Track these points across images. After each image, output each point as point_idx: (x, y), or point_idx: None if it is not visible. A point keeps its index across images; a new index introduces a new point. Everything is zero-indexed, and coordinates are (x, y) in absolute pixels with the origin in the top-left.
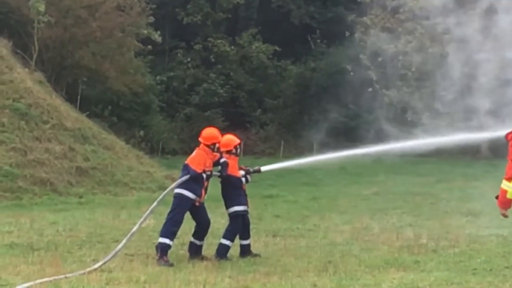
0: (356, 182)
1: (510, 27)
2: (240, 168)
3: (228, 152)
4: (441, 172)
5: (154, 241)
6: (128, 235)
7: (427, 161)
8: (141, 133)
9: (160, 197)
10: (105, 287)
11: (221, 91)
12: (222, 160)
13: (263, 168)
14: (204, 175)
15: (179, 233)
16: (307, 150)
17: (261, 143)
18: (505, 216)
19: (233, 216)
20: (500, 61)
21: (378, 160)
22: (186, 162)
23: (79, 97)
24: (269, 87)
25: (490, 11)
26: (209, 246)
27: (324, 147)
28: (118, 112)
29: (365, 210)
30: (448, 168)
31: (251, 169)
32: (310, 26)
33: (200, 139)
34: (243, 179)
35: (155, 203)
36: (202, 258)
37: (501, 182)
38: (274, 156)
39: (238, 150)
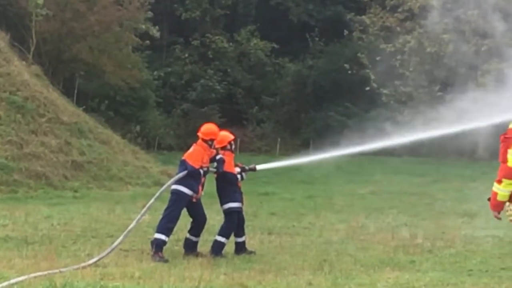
0: (352, 181)
1: None
2: (236, 165)
3: (223, 148)
4: (438, 172)
5: (149, 237)
6: (125, 232)
7: (424, 161)
8: (138, 128)
9: (158, 193)
10: (99, 282)
11: (218, 87)
12: (218, 157)
13: (259, 167)
14: (201, 171)
15: (174, 229)
16: (303, 148)
17: (258, 140)
18: (498, 218)
19: (228, 213)
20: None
21: (375, 159)
22: (183, 157)
23: (76, 91)
24: (266, 84)
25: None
26: (204, 243)
27: (321, 145)
28: (115, 107)
29: (361, 209)
30: (445, 168)
31: (246, 167)
32: (309, 24)
33: (198, 133)
34: (239, 176)
35: (152, 200)
36: (197, 254)
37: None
38: (270, 154)
39: (233, 146)
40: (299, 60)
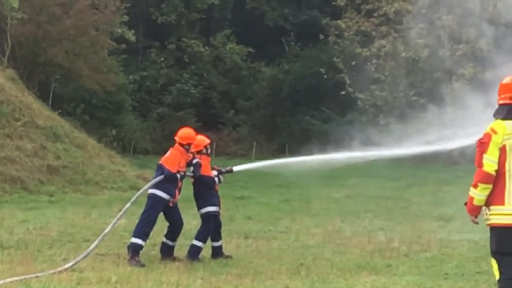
0: (328, 184)
1: None
2: (213, 169)
3: (199, 152)
4: (413, 176)
5: (126, 241)
6: (101, 236)
7: (399, 165)
8: (113, 132)
9: (134, 197)
10: (76, 287)
11: (194, 91)
12: (194, 161)
13: (235, 168)
14: (178, 176)
15: (151, 233)
16: (279, 152)
17: (233, 144)
18: (475, 222)
19: (205, 217)
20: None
21: (350, 163)
22: (160, 162)
23: (51, 95)
24: (242, 89)
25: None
26: (180, 247)
27: (296, 149)
28: (91, 111)
29: (337, 213)
30: (420, 172)
31: (223, 169)
32: (284, 28)
33: (176, 138)
34: (216, 179)
35: (128, 204)
36: (174, 259)
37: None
38: (246, 158)
39: (209, 150)
40: (274, 64)
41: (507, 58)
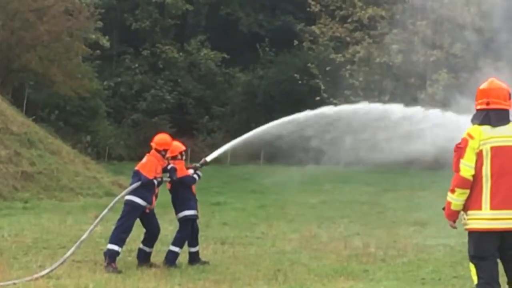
0: (303, 190)
1: None
2: (187, 168)
3: (173, 158)
4: (388, 181)
5: (102, 248)
6: (77, 243)
7: (374, 171)
8: (88, 138)
9: (111, 204)
10: None
11: (168, 97)
12: (169, 167)
13: (209, 158)
14: (155, 182)
15: (127, 239)
16: (254, 158)
17: (208, 150)
18: (454, 227)
19: (182, 221)
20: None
21: (326, 169)
22: (136, 168)
23: (25, 101)
24: (217, 95)
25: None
26: (157, 253)
27: (271, 155)
28: (65, 117)
29: (313, 219)
30: (395, 177)
31: (198, 164)
32: (259, 34)
33: (152, 144)
34: (195, 176)
35: (105, 210)
36: (151, 265)
37: (446, 193)
38: (221, 163)
39: (184, 157)
40: (249, 70)
41: (481, 63)
